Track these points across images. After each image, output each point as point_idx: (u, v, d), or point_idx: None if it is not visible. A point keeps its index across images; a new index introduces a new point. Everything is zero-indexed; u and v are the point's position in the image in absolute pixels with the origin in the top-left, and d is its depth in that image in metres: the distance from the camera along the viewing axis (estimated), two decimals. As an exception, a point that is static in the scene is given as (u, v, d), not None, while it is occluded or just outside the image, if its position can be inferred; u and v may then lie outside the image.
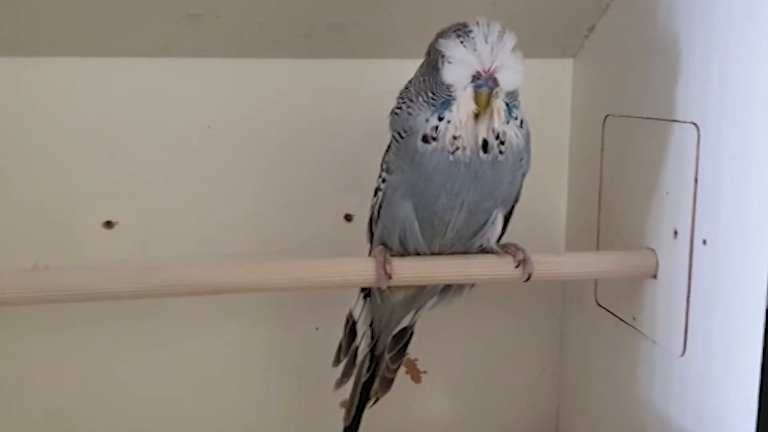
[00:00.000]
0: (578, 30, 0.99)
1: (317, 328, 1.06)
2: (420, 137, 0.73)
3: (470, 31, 0.70)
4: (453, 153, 0.72)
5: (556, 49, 1.02)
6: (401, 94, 0.78)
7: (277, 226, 1.01)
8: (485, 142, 0.73)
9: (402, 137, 0.76)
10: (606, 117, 0.95)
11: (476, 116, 0.71)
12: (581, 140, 1.04)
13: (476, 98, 0.70)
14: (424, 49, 0.76)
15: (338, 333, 0.92)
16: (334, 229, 1.02)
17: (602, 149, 0.97)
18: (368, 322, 0.91)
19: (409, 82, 0.78)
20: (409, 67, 0.79)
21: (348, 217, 1.03)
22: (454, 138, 0.72)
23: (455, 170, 0.73)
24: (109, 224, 0.98)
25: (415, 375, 1.09)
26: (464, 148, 0.72)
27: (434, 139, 0.73)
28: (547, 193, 1.08)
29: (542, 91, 1.03)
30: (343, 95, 0.99)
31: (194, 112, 0.97)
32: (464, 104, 0.71)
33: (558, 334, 1.14)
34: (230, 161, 0.99)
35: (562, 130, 1.07)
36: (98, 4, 0.84)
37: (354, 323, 0.91)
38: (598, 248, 0.97)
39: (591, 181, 0.99)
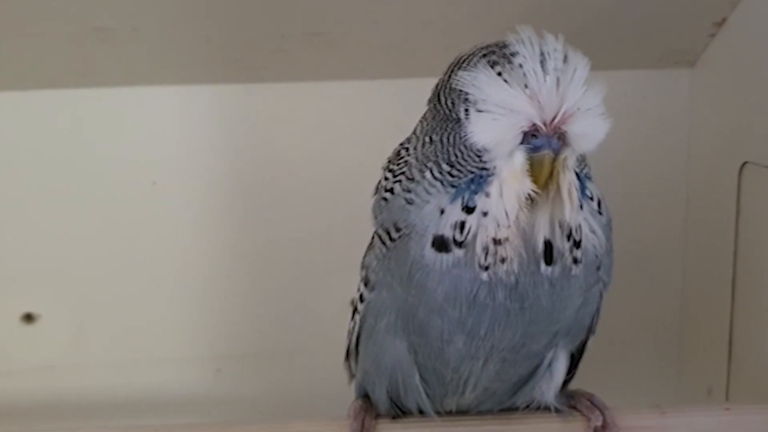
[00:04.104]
0: (700, 25, 0.85)
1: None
2: (429, 241, 0.57)
3: (515, 55, 0.54)
4: (488, 269, 0.55)
5: (666, 54, 0.88)
6: (392, 163, 0.63)
7: (254, 319, 0.91)
8: (548, 246, 0.56)
9: (392, 238, 0.59)
10: (743, 165, 0.82)
11: (531, 201, 0.56)
12: (703, 199, 0.90)
13: (534, 170, 0.54)
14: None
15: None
16: (334, 320, 0.86)
17: (737, 215, 0.82)
18: None
19: (405, 145, 0.63)
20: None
21: (355, 304, 0.93)
22: (495, 242, 0.55)
23: (487, 299, 0.57)
24: (29, 318, 0.91)
25: None
26: (511, 260, 0.55)
27: (458, 244, 0.55)
28: (647, 291, 0.91)
29: (642, 119, 0.88)
30: (336, 132, 0.88)
31: (133, 163, 0.88)
32: (512, 182, 0.55)
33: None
34: (185, 229, 0.90)
35: (674, 182, 0.92)
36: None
37: None
38: (728, 394, 0.81)
39: (719, 269, 0.85)
